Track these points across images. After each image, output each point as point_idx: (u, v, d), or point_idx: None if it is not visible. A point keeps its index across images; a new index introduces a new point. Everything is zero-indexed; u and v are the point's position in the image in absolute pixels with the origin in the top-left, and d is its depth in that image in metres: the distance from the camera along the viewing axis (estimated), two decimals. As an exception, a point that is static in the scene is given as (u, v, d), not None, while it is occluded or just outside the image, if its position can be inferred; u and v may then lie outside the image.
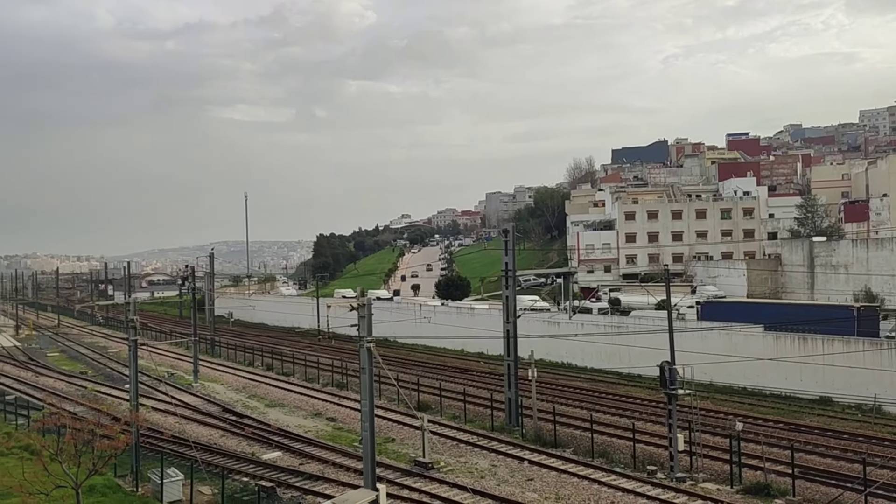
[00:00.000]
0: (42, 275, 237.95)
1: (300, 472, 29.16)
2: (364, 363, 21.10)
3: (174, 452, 31.16)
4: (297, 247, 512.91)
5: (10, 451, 29.33)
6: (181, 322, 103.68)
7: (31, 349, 77.66)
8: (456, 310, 73.02)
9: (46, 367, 63.28)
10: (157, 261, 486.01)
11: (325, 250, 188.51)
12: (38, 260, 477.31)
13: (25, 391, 48.83)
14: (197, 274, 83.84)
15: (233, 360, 65.48)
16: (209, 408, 42.88)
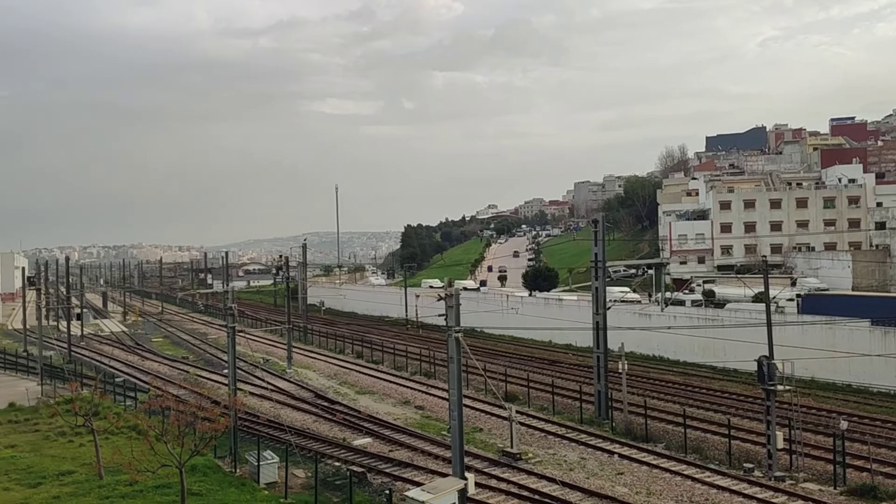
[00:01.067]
0: (147, 264, 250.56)
1: (390, 458, 29.65)
2: (452, 353, 21.20)
3: (270, 436, 32.23)
4: (386, 237, 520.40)
5: (119, 430, 31.06)
6: (275, 310, 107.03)
7: (137, 334, 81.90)
8: (544, 301, 72.44)
9: (151, 351, 66.58)
10: (252, 251, 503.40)
11: (412, 241, 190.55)
12: (143, 250, 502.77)
13: (133, 374, 51.54)
14: (290, 264, 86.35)
15: (324, 347, 67.14)
16: (302, 393, 44.13)
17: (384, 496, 23.75)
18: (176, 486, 23.05)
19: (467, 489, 20.48)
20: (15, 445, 30.99)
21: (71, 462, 28.28)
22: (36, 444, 31.27)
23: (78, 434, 31.63)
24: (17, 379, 50.34)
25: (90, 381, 42.09)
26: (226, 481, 25.93)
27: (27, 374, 50.90)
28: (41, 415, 36.40)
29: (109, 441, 29.67)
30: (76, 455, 29.36)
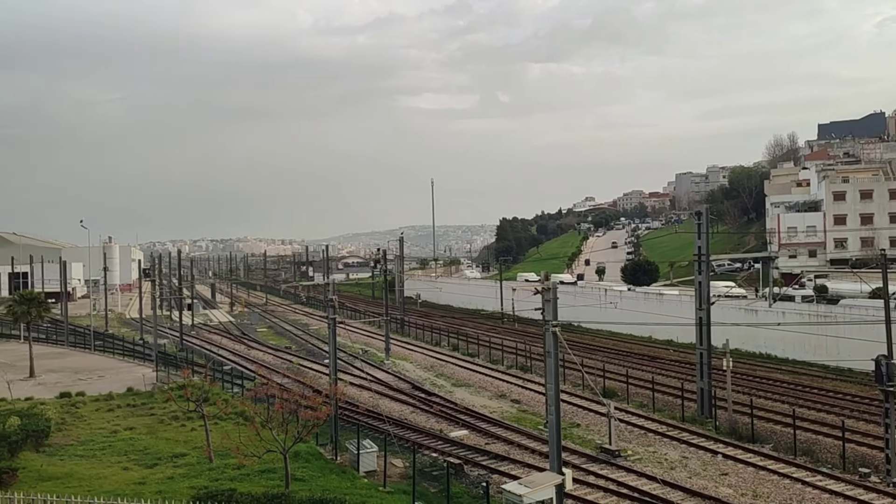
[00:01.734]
0: (252, 257, 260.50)
1: (486, 451, 29.68)
2: (549, 347, 20.97)
3: (369, 425, 32.88)
4: (481, 231, 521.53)
5: (227, 416, 32.42)
6: (373, 302, 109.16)
7: (243, 324, 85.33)
8: (643, 295, 70.76)
9: (256, 341, 69.21)
10: (351, 244, 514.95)
11: (507, 234, 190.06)
12: (248, 243, 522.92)
13: (239, 363, 53.71)
14: (387, 257, 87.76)
15: (421, 339, 67.95)
16: (400, 384, 44.80)
17: (481, 488, 23.80)
18: (280, 470, 23.85)
19: (565, 484, 20.23)
20: (133, 428, 32.87)
21: (183, 445, 29.73)
22: (152, 427, 33.05)
23: (189, 419, 33.22)
24: (135, 365, 53.37)
25: (200, 368, 44.12)
26: (327, 468, 26.62)
27: (143, 361, 53.88)
28: (156, 399, 38.45)
29: (218, 426, 30.99)
30: (188, 438, 30.84)
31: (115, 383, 44.18)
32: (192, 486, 22.84)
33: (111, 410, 36.73)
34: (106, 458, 27.86)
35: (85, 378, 47.49)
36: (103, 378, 47.36)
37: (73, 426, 33.33)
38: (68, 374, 49.23)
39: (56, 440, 30.38)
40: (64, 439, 30.81)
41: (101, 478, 24.86)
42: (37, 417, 31.15)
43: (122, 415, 35.80)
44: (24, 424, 29.24)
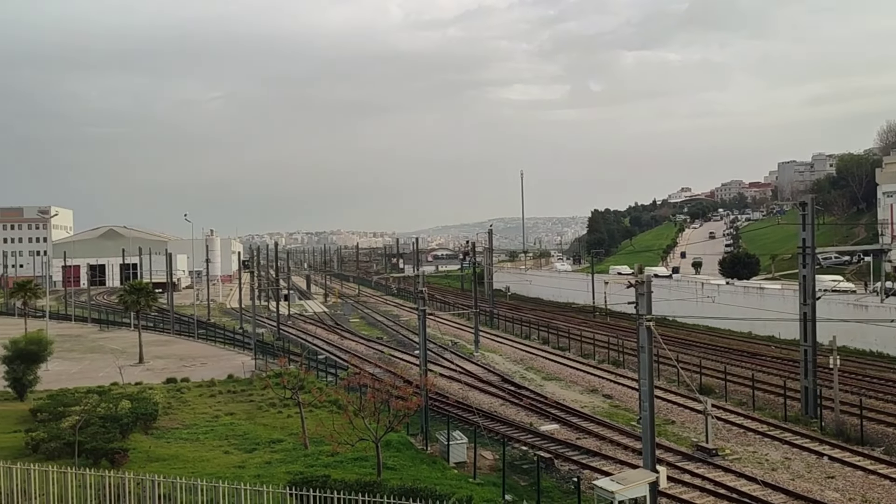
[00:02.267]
0: (345, 249, 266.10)
1: (577, 446, 29.29)
2: (643, 342, 20.45)
3: (458, 417, 33.01)
4: (571, 223, 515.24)
5: (322, 404, 33.24)
6: (462, 294, 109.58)
7: (336, 315, 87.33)
8: (743, 289, 68.09)
9: (349, 331, 70.70)
10: (440, 237, 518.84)
11: (599, 226, 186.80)
12: (341, 236, 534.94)
13: (333, 352, 54.99)
14: (476, 249, 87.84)
15: (510, 332, 67.74)
16: (489, 377, 44.79)
17: (571, 483, 23.50)
18: (372, 459, 24.26)
19: (659, 482, 19.71)
20: (233, 413, 34.18)
21: (280, 431, 30.67)
22: (250, 413, 34.27)
23: (286, 406, 34.25)
24: (235, 353, 55.49)
25: (296, 357, 45.41)
26: (418, 458, 26.89)
27: (243, 349, 55.95)
28: (255, 386, 39.85)
29: (313, 414, 31.82)
30: (284, 425, 31.80)
31: (217, 370, 46.05)
32: (288, 471, 23.54)
33: (213, 396, 38.30)
34: (208, 441, 29.06)
35: (189, 365, 49.73)
36: (206, 365, 49.45)
37: (179, 410, 34.93)
38: (174, 361, 51.68)
39: (163, 423, 31.92)
40: (170, 423, 32.34)
41: (204, 460, 25.95)
42: (146, 401, 32.81)
43: (223, 400, 37.25)
44: (135, 408, 30.85)
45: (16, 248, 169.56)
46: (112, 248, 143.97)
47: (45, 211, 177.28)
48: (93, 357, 55.13)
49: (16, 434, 29.37)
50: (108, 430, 27.07)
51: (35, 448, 26.26)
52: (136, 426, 29.51)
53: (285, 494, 16.44)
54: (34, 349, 38.14)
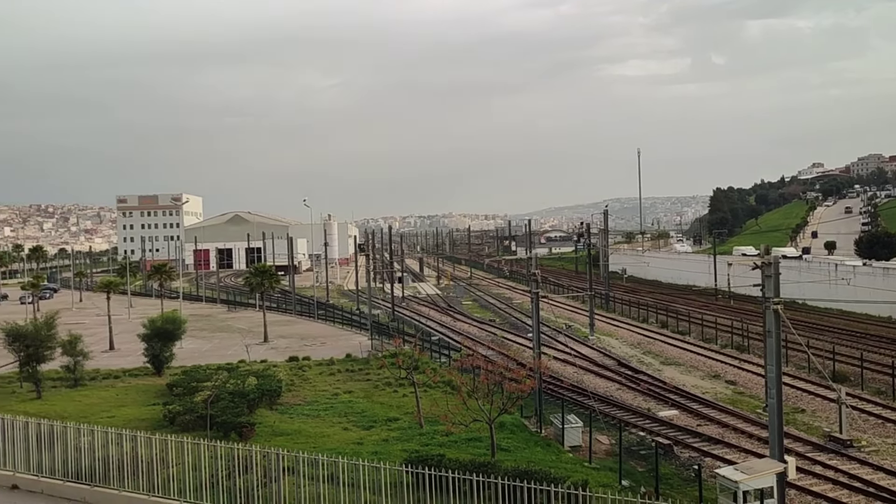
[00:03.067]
0: (456, 232, 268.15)
1: (697, 433, 28.31)
2: (770, 326, 19.39)
3: (573, 400, 32.61)
4: (692, 202, 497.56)
5: (435, 384, 33.67)
6: (576, 277, 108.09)
7: (449, 297, 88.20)
8: (882, 271, 63.51)
9: (462, 313, 71.25)
10: (553, 218, 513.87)
11: (722, 205, 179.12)
12: (453, 219, 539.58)
13: (446, 334, 55.59)
14: (591, 230, 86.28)
15: (626, 315, 66.22)
16: (605, 361, 43.99)
17: (692, 471, 22.72)
18: (486, 440, 24.35)
19: (787, 473, 18.72)
20: (352, 392, 35.20)
21: (396, 410, 31.32)
22: (368, 392, 35.19)
23: (401, 385, 34.94)
24: (352, 333, 57.14)
25: (410, 338, 46.20)
26: (531, 440, 26.77)
27: (359, 330, 57.51)
28: (371, 366, 40.88)
29: (427, 394, 32.29)
30: (400, 404, 32.44)
31: (336, 349, 47.57)
32: (404, 449, 24.00)
33: (332, 374, 39.60)
34: (328, 418, 30.07)
35: (310, 344, 51.63)
36: (325, 344, 51.18)
37: (301, 387, 36.33)
38: (296, 340, 53.80)
39: (286, 399, 33.30)
40: (293, 399, 33.69)
41: (325, 436, 26.88)
42: (270, 378, 34.29)
43: (342, 379, 38.44)
44: (260, 384, 32.30)
45: (152, 234, 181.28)
46: (238, 232, 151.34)
47: (177, 198, 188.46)
48: (222, 336, 58.23)
49: (154, 407, 31.47)
50: (237, 405, 28.50)
51: (172, 420, 28.06)
52: (261, 402, 30.93)
53: (402, 472, 16.72)
54: (170, 328, 40.69)
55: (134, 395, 35.43)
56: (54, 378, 37.74)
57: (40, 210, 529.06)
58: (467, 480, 15.69)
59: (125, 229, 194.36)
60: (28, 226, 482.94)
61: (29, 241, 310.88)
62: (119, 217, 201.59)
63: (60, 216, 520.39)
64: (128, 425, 22.54)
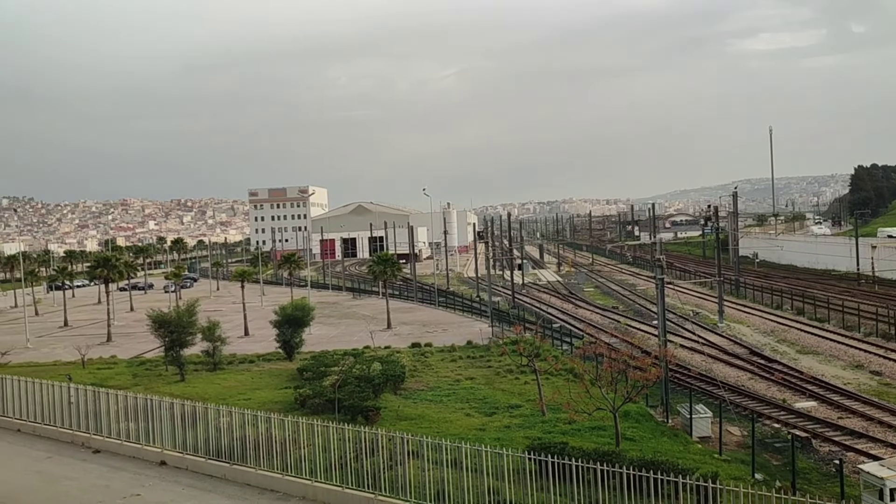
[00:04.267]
0: (577, 218, 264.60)
1: (838, 425, 26.65)
2: (922, 312, 17.91)
3: (701, 390, 31.48)
4: (830, 181, 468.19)
5: (557, 372, 33.39)
6: (704, 262, 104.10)
7: (570, 284, 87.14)
8: None
9: (583, 300, 70.22)
10: (678, 201, 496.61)
11: (864, 184, 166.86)
12: (573, 204, 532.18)
13: (567, 321, 54.96)
14: (719, 213, 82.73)
15: (758, 301, 63.13)
16: (735, 349, 42.16)
17: (832, 466, 21.42)
18: (609, 429, 23.93)
19: (944, 473, 17.27)
20: (473, 378, 35.49)
21: (518, 397, 31.30)
22: (489, 378, 35.36)
23: (522, 372, 34.86)
24: (472, 320, 57.54)
25: (531, 325, 45.98)
26: (657, 430, 26.07)
27: (479, 317, 57.81)
28: (492, 353, 41.03)
29: (549, 381, 32.06)
30: (521, 391, 32.40)
31: (456, 336, 48.08)
32: (526, 436, 23.97)
33: (454, 361, 40.05)
34: (451, 404, 30.46)
35: (431, 331, 52.45)
36: (446, 331, 51.84)
37: (423, 373, 37.00)
38: (417, 327, 54.81)
39: (409, 385, 34.00)
40: (415, 384, 34.37)
41: (448, 421, 27.25)
42: (394, 364, 35.13)
43: (463, 365, 38.81)
44: (385, 370, 33.16)
45: (281, 225, 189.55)
46: (361, 222, 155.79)
47: (304, 190, 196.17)
48: (347, 322, 60.19)
49: (286, 390, 32.99)
50: (363, 390, 29.40)
51: (302, 403, 29.32)
52: (386, 387, 31.76)
53: (524, 458, 16.70)
54: (299, 315, 42.44)
55: (267, 378, 37.26)
56: (195, 362, 40.28)
57: (180, 204, 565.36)
58: (591, 469, 15.47)
59: (256, 221, 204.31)
60: (169, 219, 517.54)
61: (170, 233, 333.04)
62: (251, 210, 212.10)
63: (198, 210, 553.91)
64: (262, 408, 23.74)
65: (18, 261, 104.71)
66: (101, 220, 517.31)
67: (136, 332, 55.57)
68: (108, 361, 44.62)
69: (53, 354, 49.02)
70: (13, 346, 50.90)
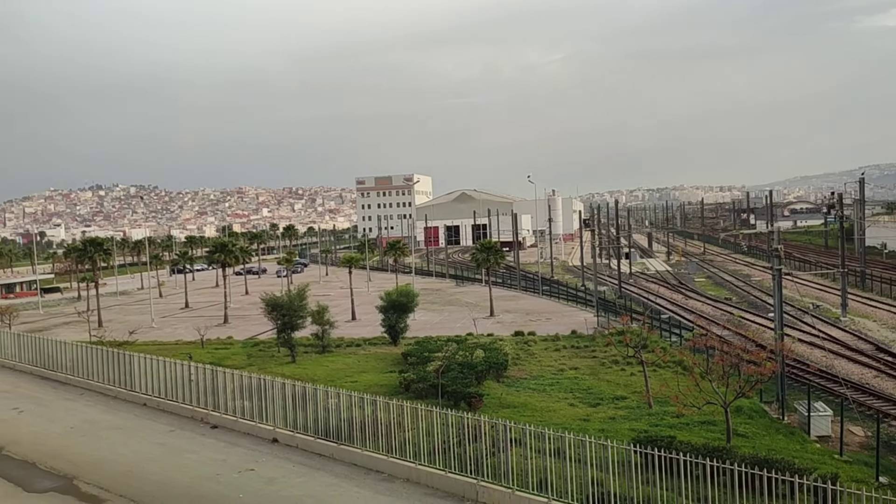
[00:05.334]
0: (688, 205, 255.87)
1: (978, 431, 24.62)
2: None
3: (820, 386, 29.85)
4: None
5: (665, 364, 32.46)
6: (826, 252, 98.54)
7: (680, 274, 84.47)
8: None
9: (694, 290, 67.89)
10: (799, 188, 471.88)
11: None
12: (684, 191, 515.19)
13: (677, 312, 53.30)
14: (844, 201, 77.94)
15: (886, 295, 59.16)
16: (859, 345, 39.69)
17: (970, 475, 19.81)
18: (720, 423, 23.06)
19: None
20: (577, 368, 35.04)
21: (623, 388, 30.67)
22: (593, 369, 34.82)
23: (628, 363, 34.13)
24: (577, 310, 56.77)
25: (638, 315, 44.91)
26: (772, 427, 24.91)
27: (584, 306, 56.97)
28: (597, 343, 40.37)
29: (656, 373, 31.25)
30: (627, 383, 31.72)
31: (560, 325, 47.57)
32: (632, 428, 23.47)
33: (557, 350, 39.67)
34: (554, 393, 30.20)
35: (535, 319, 52.12)
36: (550, 320, 51.38)
37: (526, 362, 36.85)
38: (520, 315, 54.60)
39: (512, 373, 33.96)
40: (518, 372, 34.28)
41: (551, 411, 27.04)
42: (497, 351, 35.16)
43: (567, 355, 38.37)
44: (488, 357, 33.25)
45: (387, 213, 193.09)
46: (464, 210, 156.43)
47: (409, 178, 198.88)
48: (450, 309, 60.68)
49: (391, 374, 33.64)
50: (466, 376, 29.59)
51: (406, 387, 29.82)
52: (488, 374, 31.84)
53: (629, 451, 16.32)
54: (404, 301, 43.14)
55: (373, 362, 38.12)
56: (305, 344, 41.69)
57: (292, 192, 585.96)
58: (700, 464, 14.96)
59: (363, 209, 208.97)
60: (282, 206, 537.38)
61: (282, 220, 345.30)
62: (358, 197, 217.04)
63: (308, 197, 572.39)
64: (368, 390, 24.27)
65: (144, 246, 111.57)
66: (218, 207, 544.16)
67: (251, 315, 58.07)
68: (225, 342, 46.87)
69: (176, 334, 51.97)
70: (140, 326, 54.35)
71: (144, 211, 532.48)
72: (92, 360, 34.25)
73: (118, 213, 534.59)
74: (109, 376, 32.89)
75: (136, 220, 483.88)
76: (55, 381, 36.05)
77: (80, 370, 35.04)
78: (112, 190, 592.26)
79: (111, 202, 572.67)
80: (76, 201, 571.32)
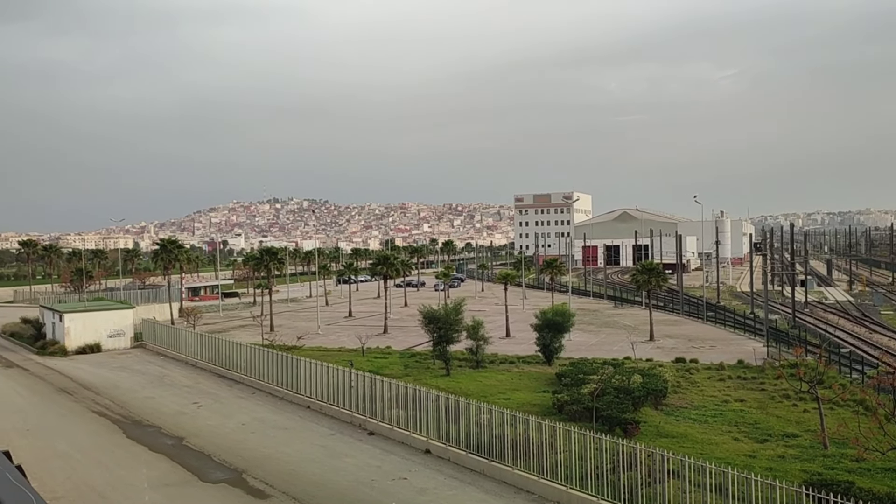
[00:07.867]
0: (875, 231, 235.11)
1: None
2: None
3: None
4: None
5: (844, 402, 29.82)
6: None
7: (863, 305, 77.56)
8: None
9: (880, 324, 62.05)
10: None
11: None
12: (871, 216, 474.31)
13: (859, 346, 48.92)
14: None
15: None
16: None
17: None
18: (909, 474, 20.84)
19: None
20: (743, 400, 32.97)
21: (795, 426, 28.50)
22: (761, 402, 32.61)
23: (801, 399, 31.69)
24: (744, 338, 53.52)
25: (814, 348, 41.68)
26: (973, 483, 22.15)
27: (753, 335, 53.60)
28: (766, 375, 37.80)
29: (833, 412, 28.81)
30: (799, 419, 29.45)
31: (726, 354, 45.07)
32: (804, 469, 21.74)
33: (722, 380, 37.57)
34: (717, 425, 28.60)
35: (697, 346, 49.74)
36: (714, 348, 48.82)
37: (687, 390, 35.17)
38: (682, 341, 52.29)
39: (671, 401, 32.52)
40: (678, 401, 32.78)
41: (712, 444, 25.61)
42: (656, 378, 33.84)
43: (733, 386, 36.25)
44: (646, 383, 32.07)
45: (545, 230, 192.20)
46: (625, 229, 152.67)
47: (568, 196, 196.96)
48: (607, 331, 59.22)
49: (544, 394, 33.28)
50: (622, 401, 28.70)
51: (560, 408, 29.37)
52: (646, 400, 30.69)
53: (801, 494, 15.09)
54: (559, 320, 42.65)
55: (526, 380, 37.91)
56: (460, 358, 42.23)
57: (451, 208, 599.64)
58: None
59: (521, 226, 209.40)
60: (441, 222, 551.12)
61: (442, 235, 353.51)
62: (516, 214, 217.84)
63: (467, 214, 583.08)
64: (520, 408, 24.18)
65: (314, 256, 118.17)
66: (382, 221, 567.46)
67: (409, 326, 59.73)
68: (384, 351, 48.51)
69: (339, 341, 54.46)
70: (307, 332, 57.45)
71: (315, 223, 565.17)
72: (263, 362, 36.67)
73: (292, 225, 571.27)
74: (278, 378, 35.03)
75: (307, 231, 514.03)
76: (230, 380, 38.89)
77: (252, 371, 37.62)
78: (287, 203, 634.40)
79: (286, 214, 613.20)
80: (255, 213, 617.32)
